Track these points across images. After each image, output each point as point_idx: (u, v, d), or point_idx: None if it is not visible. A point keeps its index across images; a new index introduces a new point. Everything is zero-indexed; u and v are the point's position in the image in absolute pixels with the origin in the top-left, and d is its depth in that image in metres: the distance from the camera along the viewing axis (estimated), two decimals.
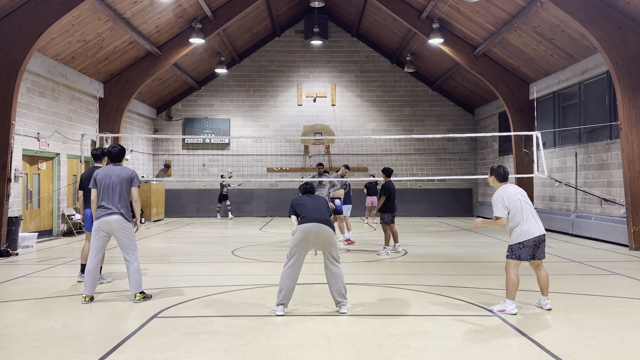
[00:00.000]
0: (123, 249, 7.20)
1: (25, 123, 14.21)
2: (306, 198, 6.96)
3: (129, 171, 7.31)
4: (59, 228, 16.23)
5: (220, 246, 13.57)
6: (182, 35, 18.74)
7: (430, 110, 25.16)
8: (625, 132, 12.59)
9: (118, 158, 7.48)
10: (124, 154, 7.54)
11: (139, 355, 5.00)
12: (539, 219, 6.66)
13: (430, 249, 13.05)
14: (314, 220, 6.57)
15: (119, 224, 7.12)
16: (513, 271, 6.55)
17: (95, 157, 8.53)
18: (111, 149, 7.48)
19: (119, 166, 7.40)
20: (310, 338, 5.51)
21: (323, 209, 6.78)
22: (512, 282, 6.53)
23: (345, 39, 25.17)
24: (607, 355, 4.96)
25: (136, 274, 7.16)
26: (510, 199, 6.52)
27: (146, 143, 23.86)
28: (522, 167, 18.64)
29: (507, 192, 6.58)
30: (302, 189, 7.19)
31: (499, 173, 6.81)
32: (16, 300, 7.40)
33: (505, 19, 15.86)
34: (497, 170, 6.83)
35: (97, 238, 7.21)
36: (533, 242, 6.49)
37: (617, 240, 13.41)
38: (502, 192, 6.58)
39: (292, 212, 6.93)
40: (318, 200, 6.93)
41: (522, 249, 6.49)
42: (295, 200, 6.98)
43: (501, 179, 6.80)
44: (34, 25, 12.49)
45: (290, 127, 24.80)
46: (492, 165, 6.94)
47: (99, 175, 7.27)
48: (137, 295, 7.16)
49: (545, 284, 6.70)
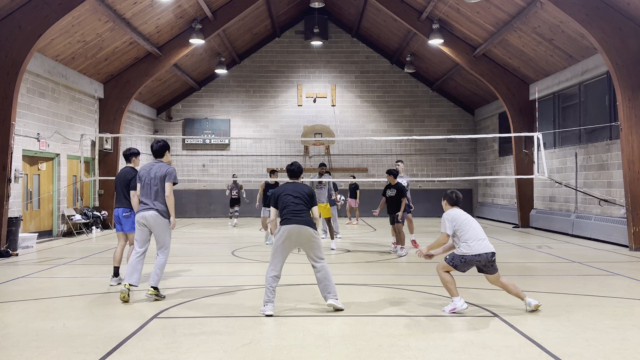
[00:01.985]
0: (156, 243, 7.38)
1: (25, 123, 14.21)
2: (289, 190, 6.81)
3: (165, 168, 7.32)
4: (59, 228, 16.22)
5: (220, 247, 13.56)
6: (182, 35, 18.74)
7: (430, 111, 25.16)
8: (625, 132, 12.59)
9: (159, 154, 7.48)
10: (165, 150, 7.52)
11: (138, 355, 4.99)
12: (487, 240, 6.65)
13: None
14: (295, 222, 6.59)
15: (154, 220, 7.24)
16: (443, 272, 6.66)
17: (125, 157, 8.64)
18: (153, 145, 7.55)
19: (159, 163, 7.41)
20: (310, 338, 5.51)
21: (304, 208, 6.71)
22: (447, 281, 6.63)
23: (345, 40, 25.18)
24: (607, 356, 4.96)
25: (158, 269, 7.26)
26: (459, 218, 6.71)
27: (146, 143, 23.85)
28: (522, 168, 18.64)
29: (456, 213, 6.80)
30: (287, 170, 7.08)
31: (451, 198, 7.04)
32: (16, 300, 7.40)
33: (505, 19, 15.86)
34: (449, 195, 7.06)
35: (138, 231, 7.41)
36: (476, 261, 6.51)
37: (617, 241, 13.40)
38: (451, 212, 6.82)
39: (274, 204, 6.85)
40: (300, 196, 6.75)
41: (463, 263, 6.53)
42: (279, 191, 6.87)
43: (452, 203, 7.01)
44: (34, 25, 12.48)
45: (290, 127, 24.80)
46: (447, 190, 7.15)
47: (141, 172, 7.40)
48: (150, 290, 7.21)
49: (516, 291, 6.63)
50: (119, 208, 8.40)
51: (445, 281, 6.65)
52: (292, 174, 7.08)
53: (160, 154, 7.48)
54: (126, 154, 8.56)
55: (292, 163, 7.19)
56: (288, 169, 7.12)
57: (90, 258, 11.64)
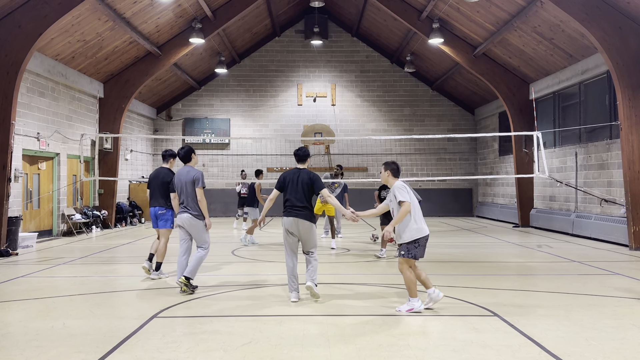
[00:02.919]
0: (196, 242, 7.90)
1: (25, 123, 14.21)
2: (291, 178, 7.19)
3: (192, 173, 7.82)
4: (58, 228, 16.22)
5: (220, 246, 13.56)
6: (182, 35, 18.73)
7: (431, 110, 25.15)
8: (625, 132, 12.58)
9: (186, 159, 8.00)
10: (190, 154, 8.02)
11: (139, 355, 4.99)
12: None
13: (430, 249, 12.98)
14: (294, 215, 7.08)
15: (189, 221, 7.78)
16: (409, 270, 6.52)
17: (163, 157, 9.12)
18: (179, 151, 8.05)
19: (188, 167, 7.94)
20: (310, 338, 5.51)
21: (303, 199, 7.09)
22: (411, 280, 6.53)
23: (345, 39, 25.17)
24: (607, 355, 4.96)
25: (195, 261, 7.67)
26: (411, 192, 6.55)
27: (146, 143, 23.86)
28: (522, 167, 18.64)
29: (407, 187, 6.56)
30: (294, 155, 7.46)
31: (395, 169, 6.74)
32: (16, 300, 7.40)
33: (505, 18, 15.85)
34: (392, 166, 6.75)
35: (179, 232, 8.06)
36: (425, 241, 6.49)
37: (617, 240, 13.40)
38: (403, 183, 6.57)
39: (277, 187, 7.32)
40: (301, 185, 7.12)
41: (418, 248, 6.46)
42: (284, 176, 7.27)
43: (396, 174, 6.74)
44: (34, 25, 12.48)
45: (290, 127, 24.79)
46: (388, 161, 6.88)
47: (175, 178, 8.03)
48: (181, 278, 7.59)
49: (426, 278, 6.60)
50: (155, 207, 8.88)
51: (409, 280, 6.51)
52: (298, 158, 7.44)
53: (187, 159, 7.99)
54: (164, 155, 9.05)
55: (300, 148, 7.52)
56: (295, 152, 7.50)
57: (90, 257, 11.64)
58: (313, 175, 7.25)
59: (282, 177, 7.30)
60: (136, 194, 21.40)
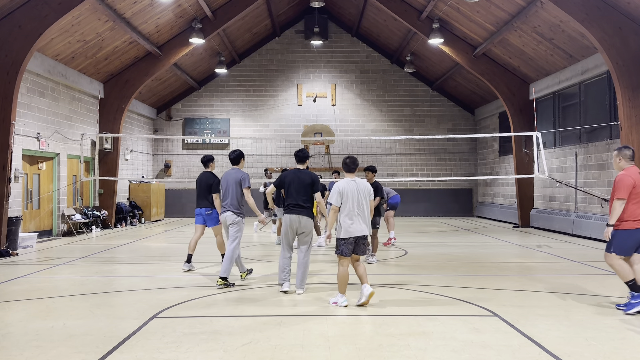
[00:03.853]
0: (229, 236, 8.45)
1: (25, 123, 14.21)
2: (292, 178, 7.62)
3: (240, 174, 8.50)
4: (58, 228, 16.22)
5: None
6: (182, 35, 18.74)
7: (431, 110, 25.15)
8: (625, 132, 12.58)
9: (236, 162, 8.68)
10: (240, 158, 8.72)
11: (139, 355, 4.99)
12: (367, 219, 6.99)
13: (430, 249, 13.05)
14: (296, 212, 7.54)
15: (230, 219, 8.43)
16: (342, 266, 6.97)
17: (203, 163, 9.69)
18: (230, 154, 8.70)
19: (235, 169, 8.61)
20: (310, 338, 5.51)
21: (305, 197, 7.58)
22: (341, 275, 6.95)
23: (345, 39, 25.17)
24: (607, 355, 4.96)
25: (227, 260, 8.20)
26: (346, 192, 6.91)
27: (146, 143, 23.86)
28: (522, 167, 18.64)
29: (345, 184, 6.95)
30: (295, 155, 7.94)
31: (345, 163, 7.16)
32: (16, 300, 7.40)
33: (505, 19, 15.85)
34: (344, 161, 7.17)
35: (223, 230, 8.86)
36: (354, 240, 6.89)
37: None
38: (340, 184, 6.99)
39: (276, 184, 7.83)
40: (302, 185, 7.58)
41: (344, 245, 6.89)
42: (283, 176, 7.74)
43: (347, 169, 7.14)
44: (34, 25, 12.48)
45: (290, 127, 24.79)
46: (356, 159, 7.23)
47: (222, 179, 8.67)
48: (218, 281, 8.13)
49: (363, 273, 7.01)
50: (201, 208, 9.55)
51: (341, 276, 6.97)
52: (298, 159, 7.88)
53: (237, 161, 8.69)
54: (204, 161, 9.66)
55: (301, 150, 7.99)
56: (295, 153, 7.96)
57: (90, 257, 11.64)
58: (314, 176, 7.72)
59: (283, 176, 7.73)
60: (136, 194, 21.40)
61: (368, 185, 7.11)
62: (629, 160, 6.76)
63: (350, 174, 7.11)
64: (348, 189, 6.90)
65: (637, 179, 6.57)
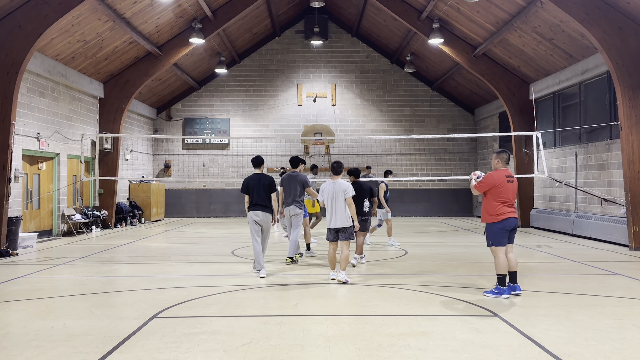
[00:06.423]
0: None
1: (25, 123, 14.21)
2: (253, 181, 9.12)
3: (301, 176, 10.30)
4: (58, 228, 16.22)
5: (221, 246, 13.56)
6: (182, 35, 18.73)
7: (431, 110, 25.15)
8: (625, 132, 12.58)
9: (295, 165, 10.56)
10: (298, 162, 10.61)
11: (139, 355, 4.99)
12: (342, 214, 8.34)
13: (430, 249, 13.05)
14: (259, 208, 9.04)
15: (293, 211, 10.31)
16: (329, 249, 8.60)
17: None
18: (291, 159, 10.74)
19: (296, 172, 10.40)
20: (310, 338, 5.51)
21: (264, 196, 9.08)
22: (329, 256, 8.58)
23: (345, 39, 25.17)
24: (607, 355, 4.96)
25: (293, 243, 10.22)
26: (325, 192, 8.44)
27: (146, 143, 23.86)
28: (522, 167, 18.64)
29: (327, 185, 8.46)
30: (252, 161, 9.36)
31: (332, 167, 8.64)
32: (16, 300, 7.40)
33: (505, 19, 15.85)
34: (331, 165, 8.65)
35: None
36: (334, 230, 8.41)
37: (617, 240, 13.40)
38: (324, 185, 8.53)
39: (244, 191, 9.21)
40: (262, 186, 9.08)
41: (328, 233, 8.51)
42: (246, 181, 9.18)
43: (333, 172, 8.62)
44: (34, 25, 12.48)
45: (290, 127, 24.79)
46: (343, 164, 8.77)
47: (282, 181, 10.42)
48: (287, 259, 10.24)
49: (345, 259, 8.33)
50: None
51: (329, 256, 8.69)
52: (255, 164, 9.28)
53: (296, 164, 10.58)
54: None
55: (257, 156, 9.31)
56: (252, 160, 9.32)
57: (90, 257, 11.64)
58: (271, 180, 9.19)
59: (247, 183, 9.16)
60: (136, 194, 21.40)
61: (345, 185, 8.33)
62: (505, 163, 7.52)
63: (336, 176, 8.51)
64: (327, 189, 8.41)
65: (502, 181, 7.32)
